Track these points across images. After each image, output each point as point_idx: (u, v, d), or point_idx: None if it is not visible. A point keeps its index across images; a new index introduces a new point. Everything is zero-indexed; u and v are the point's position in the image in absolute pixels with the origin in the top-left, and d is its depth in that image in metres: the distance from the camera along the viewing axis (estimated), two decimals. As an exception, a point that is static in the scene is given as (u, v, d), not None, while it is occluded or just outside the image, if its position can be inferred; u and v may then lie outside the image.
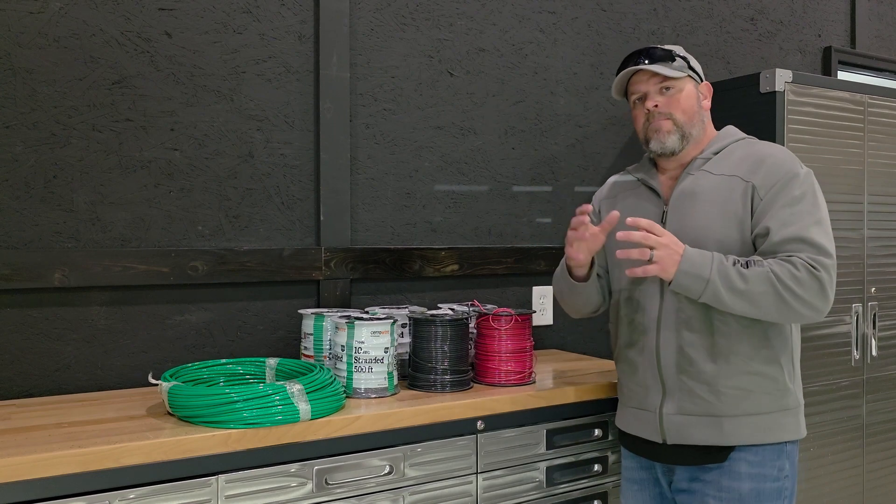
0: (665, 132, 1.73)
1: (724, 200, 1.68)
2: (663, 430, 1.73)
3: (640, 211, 1.80)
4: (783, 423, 1.69)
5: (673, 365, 1.70)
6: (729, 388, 1.66)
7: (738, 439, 1.66)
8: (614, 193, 1.92)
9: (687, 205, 1.72)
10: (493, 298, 2.56)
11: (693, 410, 1.69)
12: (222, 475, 1.51)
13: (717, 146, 1.77)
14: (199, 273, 2.04)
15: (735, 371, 1.66)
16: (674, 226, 1.72)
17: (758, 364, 1.67)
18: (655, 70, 1.72)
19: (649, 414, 1.75)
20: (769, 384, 1.67)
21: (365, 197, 2.33)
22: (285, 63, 2.20)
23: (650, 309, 1.75)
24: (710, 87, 1.83)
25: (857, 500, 2.69)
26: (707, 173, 1.73)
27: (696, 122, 1.76)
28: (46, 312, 1.90)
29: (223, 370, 1.86)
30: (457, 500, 1.79)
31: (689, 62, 1.78)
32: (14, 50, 1.86)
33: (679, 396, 1.70)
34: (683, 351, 1.69)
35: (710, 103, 1.83)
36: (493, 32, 2.57)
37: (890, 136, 2.72)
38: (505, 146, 2.59)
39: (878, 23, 3.74)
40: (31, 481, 1.34)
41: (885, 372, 2.76)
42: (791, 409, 1.71)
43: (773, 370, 1.68)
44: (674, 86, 1.74)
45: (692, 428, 1.69)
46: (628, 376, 1.82)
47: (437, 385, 1.89)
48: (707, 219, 1.68)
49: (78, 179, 1.94)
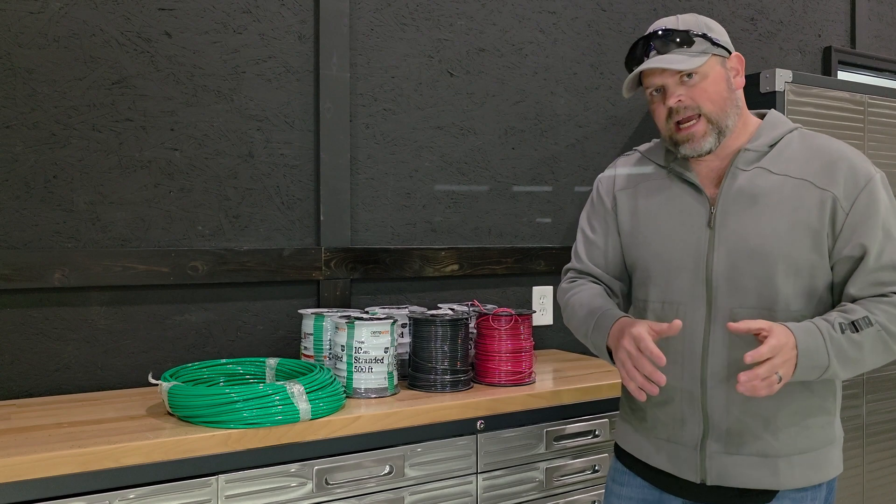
0: (700, 137, 1.44)
1: (793, 208, 1.40)
2: (703, 471, 1.46)
3: (679, 208, 1.51)
4: (830, 458, 1.48)
5: (722, 397, 1.44)
6: (786, 424, 1.43)
7: (792, 482, 1.43)
8: (634, 183, 1.60)
9: (744, 208, 1.43)
10: (493, 298, 2.56)
11: (744, 450, 1.44)
12: (222, 475, 1.51)
13: (770, 137, 1.47)
14: (199, 273, 2.04)
15: (794, 403, 1.43)
16: (727, 232, 1.44)
17: (815, 395, 1.45)
18: (672, 67, 1.41)
19: (686, 450, 1.49)
20: (823, 415, 1.46)
21: (365, 197, 2.33)
22: (285, 63, 2.20)
23: (694, 331, 1.46)
24: (742, 59, 1.50)
25: (857, 500, 2.69)
26: (766, 171, 1.44)
27: (730, 109, 1.45)
28: (46, 312, 1.90)
29: (223, 370, 1.86)
30: (457, 500, 1.78)
31: (711, 37, 1.44)
32: (14, 50, 1.86)
33: (727, 433, 1.45)
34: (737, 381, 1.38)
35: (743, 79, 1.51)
36: (493, 32, 2.57)
37: (890, 136, 2.72)
38: (505, 146, 2.59)
39: (878, 23, 3.74)
40: (31, 481, 1.34)
41: (886, 372, 2.75)
42: (836, 442, 1.50)
43: (828, 401, 1.48)
44: (697, 71, 1.42)
45: (740, 468, 1.44)
46: (655, 406, 1.54)
47: (437, 385, 1.89)
48: (773, 228, 1.41)
49: (78, 179, 1.94)
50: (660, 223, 1.53)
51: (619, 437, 1.66)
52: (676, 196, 1.52)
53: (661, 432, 1.53)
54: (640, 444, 1.58)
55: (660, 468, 1.53)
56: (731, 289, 1.43)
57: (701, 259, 1.46)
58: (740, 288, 1.43)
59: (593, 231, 1.65)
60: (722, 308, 1.44)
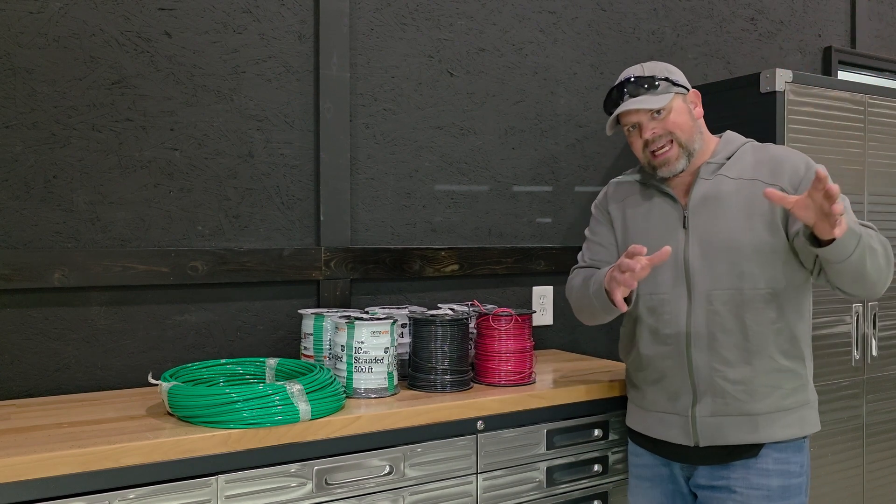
0: (673, 161, 1.75)
1: (749, 204, 1.70)
2: (696, 434, 1.74)
3: (659, 214, 1.81)
4: (806, 417, 1.75)
5: (706, 368, 1.72)
6: (762, 386, 1.70)
7: (771, 436, 1.70)
8: (622, 196, 1.91)
9: (710, 209, 1.73)
10: (493, 298, 2.56)
11: (728, 411, 1.71)
12: (222, 475, 1.51)
13: (726, 151, 1.79)
14: (199, 273, 2.04)
15: (768, 368, 1.70)
16: (698, 230, 1.74)
17: (786, 361, 1.71)
18: (644, 107, 1.72)
19: (679, 418, 1.76)
20: (796, 380, 1.73)
21: (365, 197, 2.33)
22: (285, 63, 2.20)
23: (678, 315, 1.75)
24: (698, 93, 1.83)
25: (857, 500, 2.69)
26: (724, 178, 1.75)
27: (694, 135, 1.77)
28: (46, 312, 1.90)
29: (223, 370, 1.86)
30: (457, 501, 1.78)
31: (671, 79, 1.76)
32: (14, 50, 1.86)
33: (712, 398, 1.72)
34: (718, 353, 1.71)
35: (702, 109, 1.83)
36: (493, 32, 2.57)
37: (890, 136, 2.72)
38: (505, 146, 2.59)
39: (878, 23, 3.74)
40: (31, 481, 1.34)
41: (886, 372, 2.76)
42: (811, 403, 1.77)
43: (798, 366, 1.74)
44: (664, 108, 1.74)
45: (727, 428, 1.71)
46: (652, 384, 1.82)
47: (437, 385, 1.89)
48: (736, 222, 1.70)
49: (78, 179, 1.94)
50: (644, 228, 1.84)
51: (628, 419, 1.93)
52: (656, 205, 1.83)
53: (657, 405, 1.81)
54: (643, 420, 1.85)
55: (659, 438, 1.80)
56: (705, 276, 1.72)
57: (679, 254, 1.75)
58: (714, 274, 1.72)
59: (595, 234, 1.97)
60: (699, 293, 1.73)
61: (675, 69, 1.82)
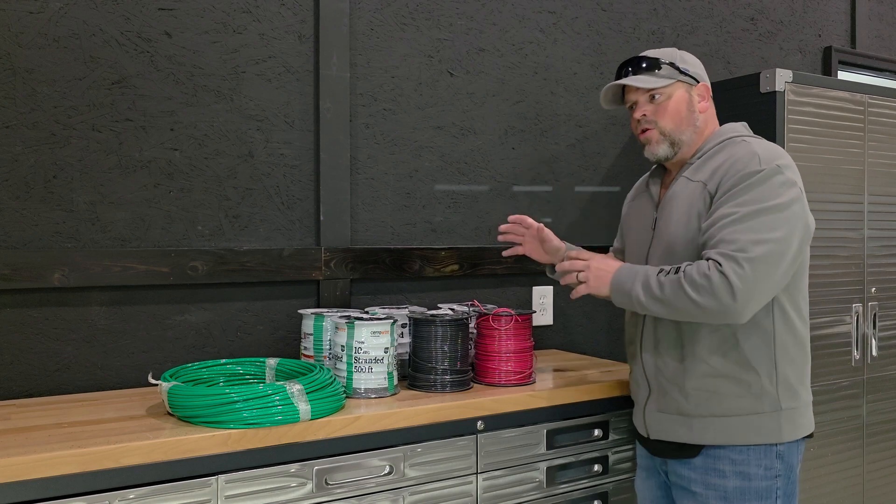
0: (654, 143, 1.77)
1: (689, 206, 1.70)
2: (646, 426, 1.82)
3: (640, 216, 1.89)
4: (758, 426, 1.67)
5: (652, 365, 1.78)
6: (694, 390, 1.70)
7: (706, 439, 1.70)
8: (634, 194, 1.99)
9: (667, 211, 1.76)
10: (493, 298, 2.56)
11: (667, 409, 1.76)
12: (222, 475, 1.51)
13: (705, 149, 1.76)
14: (199, 273, 2.04)
15: (699, 373, 1.69)
16: (658, 232, 1.78)
17: (725, 367, 1.67)
18: (636, 84, 1.74)
19: (639, 409, 1.85)
20: (739, 388, 1.67)
21: (365, 197, 2.33)
22: (285, 63, 2.20)
23: (636, 315, 1.82)
24: (709, 88, 1.80)
25: (857, 500, 2.69)
26: (687, 179, 1.75)
27: (685, 127, 1.75)
28: (46, 312, 1.90)
29: (223, 370, 1.86)
30: (457, 501, 1.78)
31: (679, 66, 1.76)
32: (14, 50, 1.86)
33: (658, 395, 1.78)
34: (659, 351, 1.76)
35: (711, 104, 1.81)
36: (493, 32, 2.57)
37: (890, 136, 2.72)
38: (505, 146, 2.59)
39: (878, 23, 3.74)
40: (31, 481, 1.34)
41: (886, 372, 2.76)
42: (767, 413, 1.67)
43: (745, 373, 1.67)
44: (662, 93, 1.75)
45: (667, 424, 1.76)
46: (631, 373, 1.91)
47: (437, 385, 1.89)
48: (678, 225, 1.72)
49: (78, 179, 1.94)
50: (628, 226, 1.95)
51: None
52: (643, 205, 1.90)
53: (634, 395, 1.89)
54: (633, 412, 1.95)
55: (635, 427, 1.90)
56: None
57: (643, 254, 1.82)
58: None
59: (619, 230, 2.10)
60: None
61: (693, 59, 1.81)
